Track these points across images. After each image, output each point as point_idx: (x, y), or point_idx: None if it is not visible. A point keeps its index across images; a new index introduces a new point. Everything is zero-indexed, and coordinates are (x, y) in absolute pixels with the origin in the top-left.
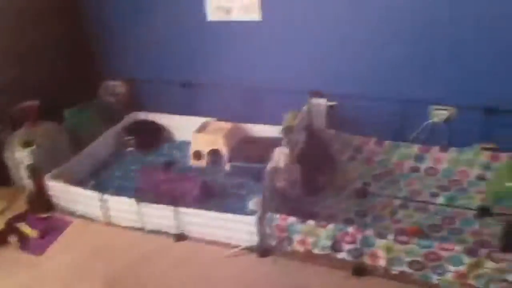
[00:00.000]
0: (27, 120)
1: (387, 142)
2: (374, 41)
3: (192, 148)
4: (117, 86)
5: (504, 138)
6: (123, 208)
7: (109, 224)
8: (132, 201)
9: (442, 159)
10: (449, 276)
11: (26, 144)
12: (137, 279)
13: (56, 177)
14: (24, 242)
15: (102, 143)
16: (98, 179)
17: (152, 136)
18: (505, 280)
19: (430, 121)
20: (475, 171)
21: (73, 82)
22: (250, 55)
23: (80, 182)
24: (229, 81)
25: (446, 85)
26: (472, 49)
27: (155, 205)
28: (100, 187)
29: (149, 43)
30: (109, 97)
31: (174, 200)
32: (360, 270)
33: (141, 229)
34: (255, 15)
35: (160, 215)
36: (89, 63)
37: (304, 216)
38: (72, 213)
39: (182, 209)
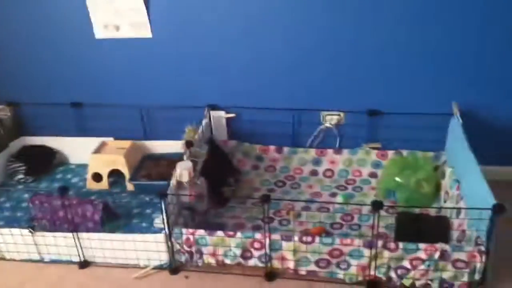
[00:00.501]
0: None
1: (286, 149)
2: (263, 54)
3: (90, 170)
4: (0, 110)
5: (387, 137)
6: (16, 241)
7: (2, 259)
8: (25, 231)
9: (337, 161)
10: (352, 269)
11: None
12: None
13: None
14: None
15: None
16: None
17: (44, 161)
18: (402, 267)
19: (323, 126)
20: (367, 170)
21: None
22: (144, 71)
23: None
24: (124, 99)
25: (333, 92)
26: (354, 58)
27: (52, 233)
28: None
29: (34, 64)
30: None
31: (74, 227)
32: (271, 275)
33: (39, 261)
34: (145, 32)
35: (59, 244)
36: None
37: (213, 228)
38: None
39: (84, 234)
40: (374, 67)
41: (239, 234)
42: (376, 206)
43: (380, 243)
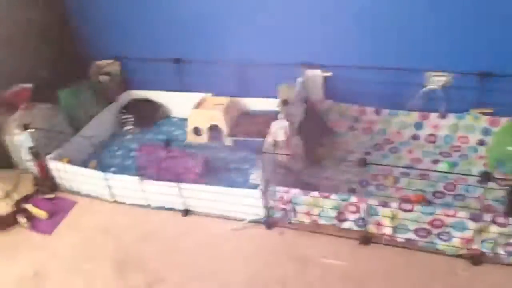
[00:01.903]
0: (21, 103)
1: (385, 111)
2: (367, 9)
3: (191, 125)
4: (108, 65)
5: (500, 103)
6: (126, 187)
7: (114, 202)
8: (135, 179)
9: (441, 125)
10: (454, 241)
11: (25, 126)
12: (145, 255)
13: (58, 158)
14: (33, 223)
15: (100, 123)
16: (99, 158)
17: (149, 114)
18: (511, 244)
19: (427, 88)
20: (475, 137)
21: (64, 62)
22: (241, 29)
23: (82, 162)
24: (222, 56)
25: (441, 52)
26: (466, 14)
27: (158, 182)
28: (102, 167)
29: (138, 20)
30: (101, 77)
31: (177, 177)
32: (366, 239)
33: (146, 206)
34: None
35: (164, 192)
36: (78, 43)
37: (306, 187)
38: (76, 193)
39: (186, 185)
40: (487, 23)
41: (334, 196)
42: (486, 177)
43: (487, 216)
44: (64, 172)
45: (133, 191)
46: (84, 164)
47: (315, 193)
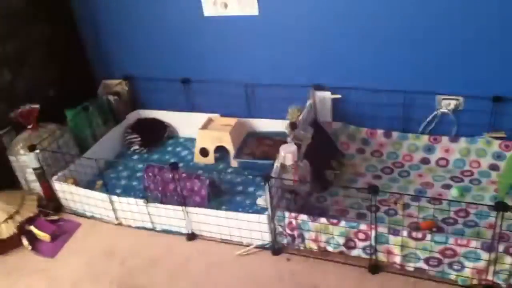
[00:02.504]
0: (28, 123)
1: (395, 134)
2: (378, 32)
3: (198, 145)
4: (117, 84)
5: None
6: (132, 209)
7: (119, 225)
8: (140, 201)
9: (453, 149)
10: (467, 272)
11: (31, 147)
12: (149, 279)
13: (64, 179)
14: (36, 245)
15: (107, 143)
16: (105, 179)
17: (156, 134)
18: None
19: (438, 111)
20: (487, 161)
21: (72, 82)
22: (250, 50)
23: (87, 183)
24: (230, 76)
25: (452, 75)
26: (478, 37)
27: (164, 206)
28: (108, 188)
29: (147, 40)
30: (109, 96)
31: (183, 199)
32: (375, 267)
33: (151, 229)
34: (252, 10)
35: (169, 215)
36: (86, 62)
37: (315, 212)
38: (81, 215)
39: (192, 209)
40: (499, 46)
41: (343, 223)
42: (501, 207)
43: (501, 246)
44: (69, 193)
45: (138, 213)
46: (90, 185)
47: (323, 219)
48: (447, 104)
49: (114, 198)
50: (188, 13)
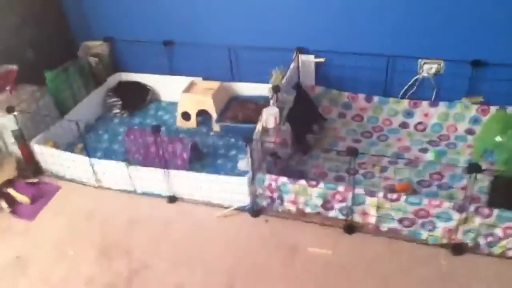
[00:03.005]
0: (6, 85)
1: (375, 98)
2: None
3: (180, 109)
4: (97, 46)
5: (491, 91)
6: (113, 172)
7: (99, 187)
8: (121, 164)
9: (432, 114)
10: (438, 232)
11: (9, 109)
12: (130, 241)
13: (43, 142)
14: (15, 208)
15: (87, 106)
16: (85, 142)
17: (138, 97)
18: (494, 235)
19: (420, 75)
20: (464, 126)
21: (51, 43)
22: (233, 12)
23: (67, 146)
24: (213, 39)
25: (433, 39)
26: (459, 2)
27: (145, 168)
28: (88, 151)
29: (129, 1)
30: (90, 58)
31: (164, 162)
32: (351, 228)
33: (132, 192)
34: None
35: (150, 178)
36: (66, 23)
37: (295, 175)
38: (61, 178)
39: (173, 172)
40: (480, 11)
41: (321, 185)
42: (473, 168)
43: (472, 207)
44: (48, 156)
45: (119, 176)
46: (70, 148)
47: (303, 181)
48: (428, 68)
49: (94, 160)
50: None
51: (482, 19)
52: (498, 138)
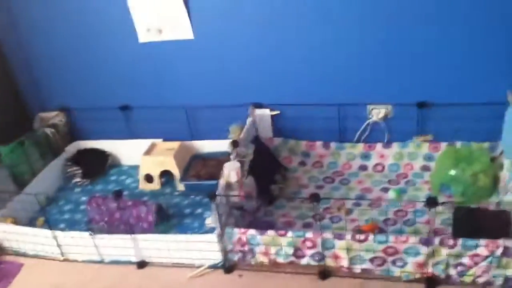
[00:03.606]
0: None
1: (333, 144)
2: (307, 49)
3: (142, 172)
4: (53, 116)
5: (439, 129)
6: (77, 243)
7: (65, 260)
8: (85, 234)
9: (387, 155)
10: (409, 267)
11: None
12: None
13: (2, 219)
14: None
15: (46, 178)
16: (46, 215)
17: (98, 164)
18: (461, 264)
19: (370, 120)
20: (419, 163)
21: (4, 116)
22: (188, 73)
23: (28, 221)
24: (170, 101)
25: (380, 85)
26: (401, 50)
27: (110, 236)
28: (50, 223)
29: (82, 69)
30: (46, 129)
31: (130, 227)
32: (325, 273)
33: (99, 262)
34: (187, 34)
35: (117, 245)
36: (19, 95)
37: (263, 226)
38: (23, 254)
39: (140, 236)
40: (421, 56)
41: (290, 233)
42: (431, 202)
43: (437, 239)
44: (9, 233)
45: (84, 247)
46: (31, 223)
47: (271, 232)
48: (377, 112)
49: (58, 233)
50: (122, 41)
51: (424, 63)
52: (452, 172)
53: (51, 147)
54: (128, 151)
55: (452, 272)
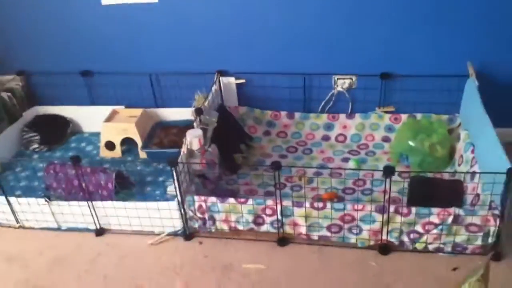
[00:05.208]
0: None
1: (297, 114)
2: (273, 18)
3: (103, 139)
4: (9, 80)
5: (400, 101)
6: (33, 210)
7: (20, 228)
8: (41, 200)
9: (350, 125)
10: (364, 234)
11: None
12: (55, 279)
13: None
14: None
15: (2, 143)
16: (1, 181)
17: (57, 130)
18: (414, 231)
19: (335, 90)
20: (380, 134)
21: None
22: (152, 38)
23: None
24: (133, 67)
25: (345, 56)
26: (365, 20)
27: (67, 202)
28: (5, 190)
29: (42, 32)
30: (2, 93)
31: (89, 195)
32: (283, 240)
33: (56, 229)
34: None
35: (74, 212)
36: None
37: (225, 195)
38: None
39: (98, 203)
40: (385, 28)
41: (250, 201)
42: (388, 171)
43: (392, 208)
44: None
45: (40, 213)
46: None
47: (232, 200)
48: (342, 83)
49: (12, 199)
50: (84, 1)
51: (388, 35)
52: (411, 143)
53: (7, 112)
54: (89, 118)
55: (405, 239)
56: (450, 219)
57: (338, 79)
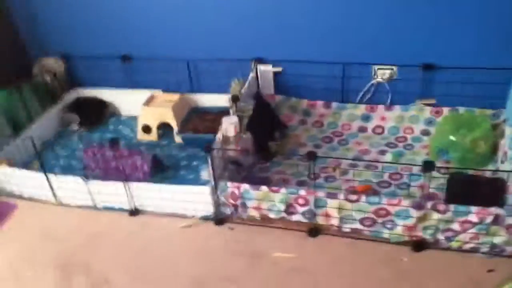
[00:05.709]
0: None
1: (334, 104)
2: (314, 5)
3: (141, 122)
4: (53, 63)
5: (442, 93)
6: (71, 187)
7: (58, 205)
8: (78, 179)
9: (388, 117)
10: (398, 229)
11: None
12: (90, 258)
13: None
14: None
15: (44, 124)
16: (42, 159)
17: (96, 113)
18: (450, 229)
19: (374, 81)
20: (419, 127)
21: (2, 61)
22: (192, 24)
23: (23, 165)
24: (172, 52)
25: (386, 45)
26: (409, 8)
27: (104, 182)
28: (45, 168)
29: (85, 16)
30: (45, 75)
31: (125, 176)
32: (315, 230)
33: (92, 207)
34: None
35: (110, 192)
36: (19, 41)
37: (258, 182)
38: (18, 197)
39: (134, 184)
40: (429, 17)
41: (283, 190)
42: (428, 166)
43: (429, 204)
44: (3, 175)
45: (78, 192)
46: (26, 166)
47: (265, 188)
48: (382, 73)
49: (52, 177)
50: None
51: (432, 25)
52: (452, 137)
53: (49, 94)
54: (127, 101)
55: (441, 237)
56: (489, 219)
57: (378, 69)
